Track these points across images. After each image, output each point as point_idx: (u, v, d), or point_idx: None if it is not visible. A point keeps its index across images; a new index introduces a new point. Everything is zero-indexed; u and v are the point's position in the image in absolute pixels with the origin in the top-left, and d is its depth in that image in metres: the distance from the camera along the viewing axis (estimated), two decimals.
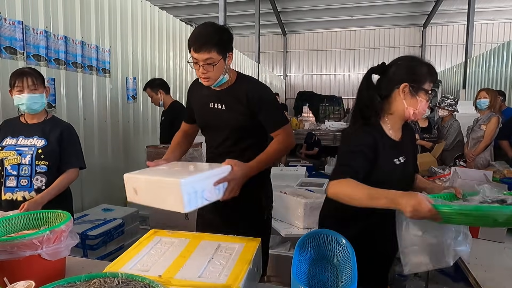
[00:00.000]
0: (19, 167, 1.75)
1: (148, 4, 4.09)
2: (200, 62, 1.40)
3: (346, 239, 1.07)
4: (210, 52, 1.37)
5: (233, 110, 1.53)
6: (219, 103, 1.54)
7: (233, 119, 1.53)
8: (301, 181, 4.29)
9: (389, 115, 1.31)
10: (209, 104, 1.56)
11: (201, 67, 1.41)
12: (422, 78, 1.26)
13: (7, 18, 2.37)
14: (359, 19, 11.89)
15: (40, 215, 1.26)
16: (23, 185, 1.77)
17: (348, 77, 13.54)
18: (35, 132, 1.81)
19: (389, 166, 1.27)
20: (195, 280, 0.94)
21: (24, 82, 1.73)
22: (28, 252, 1.00)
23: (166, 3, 9.71)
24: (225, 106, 1.53)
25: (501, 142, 3.55)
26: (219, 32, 1.41)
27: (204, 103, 1.58)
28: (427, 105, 1.29)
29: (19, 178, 1.77)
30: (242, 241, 1.18)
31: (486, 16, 11.12)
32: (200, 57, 1.38)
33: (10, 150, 1.76)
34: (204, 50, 1.37)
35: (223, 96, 1.54)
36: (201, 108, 1.61)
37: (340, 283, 1.00)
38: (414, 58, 1.30)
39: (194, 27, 7.68)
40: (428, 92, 1.27)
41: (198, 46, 1.37)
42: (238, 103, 1.52)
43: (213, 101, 1.55)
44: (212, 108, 1.56)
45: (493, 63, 6.51)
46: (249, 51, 12.12)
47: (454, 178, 1.90)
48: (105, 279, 0.86)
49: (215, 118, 1.56)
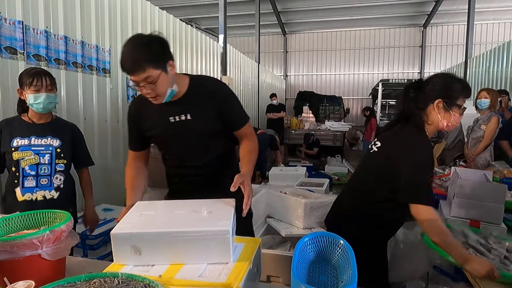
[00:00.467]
0: (38, 167, 1.77)
1: (148, 4, 4.09)
2: (140, 84, 1.27)
3: (344, 240, 1.08)
4: (145, 71, 1.24)
5: (202, 116, 1.42)
6: (182, 114, 1.41)
7: (204, 125, 1.43)
8: (301, 181, 4.29)
9: (428, 125, 1.44)
10: (168, 119, 1.41)
11: (142, 88, 1.29)
12: (456, 94, 1.41)
13: (7, 18, 2.37)
14: (359, 19, 11.89)
15: (40, 215, 1.26)
16: (43, 185, 1.79)
17: (348, 77, 13.54)
18: (47, 132, 1.83)
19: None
20: (195, 279, 0.94)
21: (43, 81, 1.74)
22: (28, 252, 1.00)
23: (166, 3, 9.71)
24: (191, 115, 1.41)
25: (501, 142, 3.55)
26: (147, 46, 1.26)
27: (162, 120, 1.43)
28: (460, 118, 1.44)
29: (38, 177, 1.78)
30: (242, 241, 1.18)
31: (486, 16, 11.12)
32: (136, 78, 1.26)
33: (26, 150, 1.76)
34: (138, 71, 1.24)
35: (184, 105, 1.41)
36: (159, 125, 1.44)
37: (340, 284, 1.00)
38: (449, 75, 1.46)
39: (194, 27, 7.60)
40: (461, 107, 1.42)
41: (130, 69, 1.24)
42: (204, 107, 1.42)
43: (173, 115, 1.41)
44: (174, 122, 1.42)
45: (493, 63, 6.51)
46: (249, 51, 12.13)
47: (454, 178, 1.89)
48: (105, 279, 0.86)
49: (181, 131, 1.42)
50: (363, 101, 13.08)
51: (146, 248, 0.99)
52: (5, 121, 1.89)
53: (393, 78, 11.81)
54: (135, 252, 0.99)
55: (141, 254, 0.99)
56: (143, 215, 1.11)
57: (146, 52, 1.25)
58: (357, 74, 13.43)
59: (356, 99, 13.47)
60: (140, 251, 0.99)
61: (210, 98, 1.42)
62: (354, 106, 13.21)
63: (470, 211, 1.73)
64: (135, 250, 0.99)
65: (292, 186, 3.77)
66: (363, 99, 13.21)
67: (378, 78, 12.23)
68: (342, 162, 7.61)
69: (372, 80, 13.00)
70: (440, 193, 2.09)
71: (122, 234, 1.00)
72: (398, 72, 12.92)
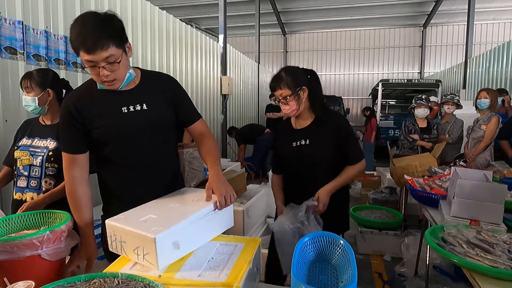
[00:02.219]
0: (30, 168, 1.75)
1: (148, 4, 4.09)
2: (99, 64, 1.14)
3: (344, 240, 1.08)
4: (108, 49, 1.12)
5: (157, 106, 1.32)
6: (137, 103, 1.29)
7: (160, 116, 1.33)
8: None
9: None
10: (121, 109, 1.28)
11: (102, 69, 1.15)
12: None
13: (7, 18, 2.37)
14: (359, 19, 11.90)
15: (40, 215, 1.26)
16: (32, 186, 1.77)
17: (348, 77, 13.55)
18: (50, 133, 1.80)
19: None
20: (195, 279, 0.94)
21: (23, 83, 1.76)
22: (28, 252, 1.00)
23: (166, 3, 9.71)
24: (147, 105, 1.30)
25: (501, 142, 3.56)
26: (108, 22, 1.15)
27: (112, 110, 1.28)
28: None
29: (29, 178, 1.77)
30: (242, 241, 1.18)
31: (486, 16, 11.14)
32: (96, 57, 1.12)
33: (24, 150, 1.76)
34: (100, 48, 1.11)
35: (138, 94, 1.30)
36: (109, 116, 1.28)
37: (340, 284, 1.00)
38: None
39: (194, 27, 7.56)
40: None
41: (91, 45, 1.10)
42: (159, 97, 1.34)
43: (126, 104, 1.28)
44: (128, 112, 1.28)
45: (493, 63, 6.51)
46: (249, 51, 12.13)
47: (454, 178, 1.89)
48: (105, 279, 0.86)
49: (135, 122, 1.28)
50: (363, 101, 13.09)
51: (183, 239, 1.03)
52: (26, 121, 1.90)
53: (393, 78, 11.81)
54: (176, 247, 1.01)
55: (180, 248, 1.03)
56: (150, 218, 1.08)
57: (109, 28, 1.14)
58: (357, 74, 13.43)
59: (356, 99, 13.48)
60: (179, 245, 1.02)
61: (164, 89, 1.36)
62: (354, 106, 13.22)
63: (470, 211, 1.73)
64: (175, 245, 1.01)
65: None
66: (363, 99, 13.22)
67: (378, 78, 12.24)
68: None
69: (372, 80, 13.01)
70: (440, 193, 2.09)
71: (164, 234, 0.96)
72: (398, 72, 12.93)
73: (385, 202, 3.91)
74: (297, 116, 1.73)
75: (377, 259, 3.18)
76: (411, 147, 3.98)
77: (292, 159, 1.71)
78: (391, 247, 3.17)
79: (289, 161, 1.74)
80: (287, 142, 1.73)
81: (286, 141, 1.74)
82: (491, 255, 1.24)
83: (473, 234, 1.40)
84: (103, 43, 1.11)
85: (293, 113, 1.67)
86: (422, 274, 2.57)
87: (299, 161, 1.69)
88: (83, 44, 1.11)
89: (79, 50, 1.12)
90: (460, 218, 1.74)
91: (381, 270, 2.98)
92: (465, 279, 1.48)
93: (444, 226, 1.49)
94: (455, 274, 2.41)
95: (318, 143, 1.66)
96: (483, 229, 1.49)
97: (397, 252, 3.03)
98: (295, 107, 1.65)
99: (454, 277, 2.42)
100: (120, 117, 1.27)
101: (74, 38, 1.12)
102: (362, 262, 3.10)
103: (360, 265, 2.91)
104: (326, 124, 1.67)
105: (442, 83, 8.65)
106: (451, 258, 1.27)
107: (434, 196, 2.09)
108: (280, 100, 1.67)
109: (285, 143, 1.75)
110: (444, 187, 2.18)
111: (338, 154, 1.67)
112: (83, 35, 1.11)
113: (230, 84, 6.59)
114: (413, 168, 3.05)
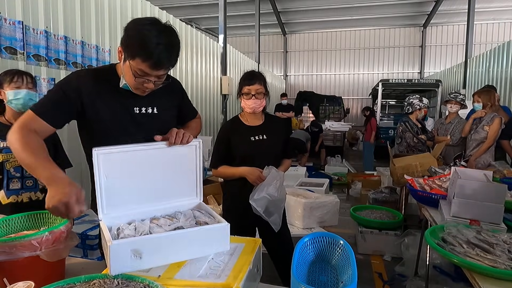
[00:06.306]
0: (23, 168, 1.74)
1: (148, 4, 4.09)
2: (151, 78, 1.16)
3: (344, 241, 1.08)
4: (168, 69, 1.18)
5: (166, 111, 1.36)
6: (149, 106, 1.31)
7: (167, 121, 1.33)
8: (301, 181, 4.28)
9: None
10: (133, 109, 1.28)
11: (149, 83, 1.18)
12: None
13: (7, 18, 2.37)
14: (359, 19, 11.90)
15: (40, 215, 1.26)
16: (28, 186, 1.76)
17: (348, 77, 13.55)
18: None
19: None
20: (194, 280, 0.94)
21: (24, 79, 1.75)
22: (27, 253, 0.99)
23: (166, 3, 9.71)
24: (157, 109, 1.33)
25: (502, 142, 3.54)
26: (179, 44, 1.18)
27: (122, 109, 1.27)
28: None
29: (23, 179, 1.76)
30: (242, 241, 1.18)
31: (486, 16, 11.13)
32: (155, 73, 1.15)
33: (9, 152, 1.73)
34: (167, 67, 1.16)
35: (150, 98, 1.30)
36: (118, 114, 1.27)
37: (340, 284, 1.00)
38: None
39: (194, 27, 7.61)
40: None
41: (163, 63, 1.13)
42: (167, 101, 1.37)
43: (138, 106, 1.29)
44: (139, 114, 1.29)
45: (493, 63, 6.51)
46: (249, 51, 12.14)
47: (454, 178, 1.89)
48: (105, 280, 0.86)
49: (144, 125, 1.29)
50: (363, 101, 13.08)
51: (147, 250, 0.96)
52: None
53: (393, 78, 11.80)
54: (137, 256, 0.94)
55: (142, 258, 0.95)
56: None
57: (178, 52, 1.16)
58: (357, 74, 13.43)
59: (356, 99, 13.47)
60: (141, 255, 0.94)
61: (171, 92, 1.39)
62: (354, 106, 13.22)
63: (470, 211, 1.73)
64: (136, 254, 0.94)
65: (292, 186, 3.77)
66: (363, 99, 13.22)
67: (378, 78, 12.24)
68: (342, 162, 7.61)
69: (372, 80, 13.01)
70: (440, 193, 2.09)
71: (120, 243, 0.93)
72: (398, 72, 12.93)
73: (385, 202, 3.91)
74: (253, 115, 1.94)
75: (377, 259, 3.18)
76: (422, 148, 3.90)
77: (252, 151, 1.92)
78: (391, 247, 3.17)
79: (249, 153, 1.92)
80: (245, 136, 1.93)
81: (243, 136, 1.93)
82: (491, 255, 1.24)
83: (473, 234, 1.40)
84: (171, 64, 1.15)
85: (259, 109, 1.91)
86: (422, 274, 2.57)
87: (259, 153, 1.92)
88: (155, 56, 1.08)
89: (142, 57, 1.08)
90: (460, 218, 1.74)
91: (381, 270, 2.98)
92: (465, 279, 1.48)
93: (444, 226, 1.49)
94: (455, 274, 2.41)
95: (273, 138, 1.96)
96: (483, 229, 1.49)
97: (397, 252, 3.04)
98: (263, 104, 1.91)
99: (454, 277, 2.42)
100: (129, 117, 1.28)
101: (155, 49, 1.07)
102: (362, 262, 3.10)
103: (360, 265, 2.91)
104: (276, 123, 2.03)
105: (442, 83, 8.65)
106: (451, 258, 1.27)
107: (434, 196, 2.09)
108: (254, 95, 1.86)
109: (243, 138, 1.94)
110: (444, 187, 2.18)
111: (283, 148, 2.03)
112: (161, 49, 1.08)
113: (230, 84, 6.59)
114: (413, 168, 3.05)
